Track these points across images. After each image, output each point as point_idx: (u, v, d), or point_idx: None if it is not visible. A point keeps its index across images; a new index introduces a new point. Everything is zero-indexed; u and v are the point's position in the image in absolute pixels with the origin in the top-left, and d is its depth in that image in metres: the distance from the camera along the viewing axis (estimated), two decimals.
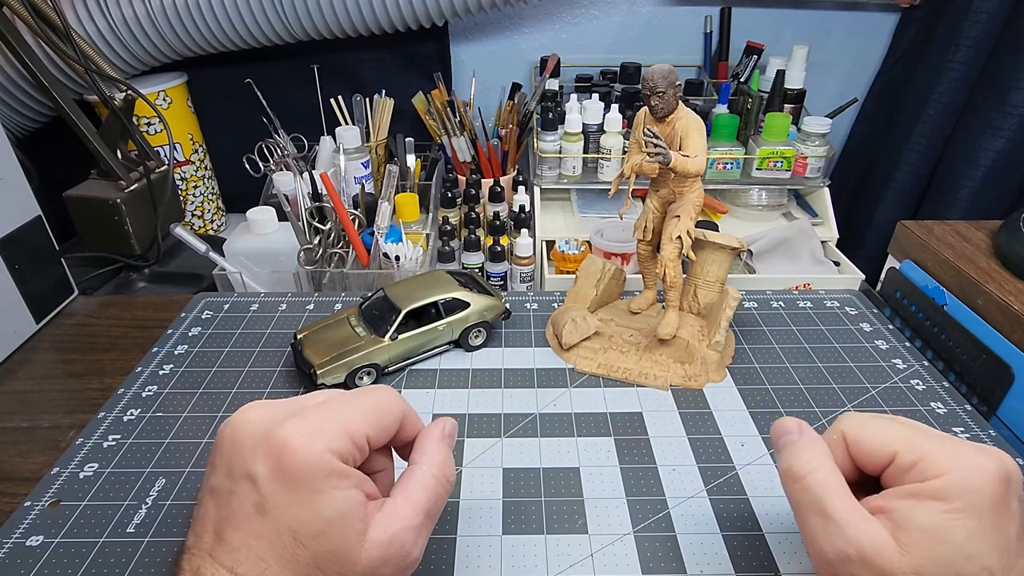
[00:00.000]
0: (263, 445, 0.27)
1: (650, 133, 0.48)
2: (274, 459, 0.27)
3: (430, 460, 0.31)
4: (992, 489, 0.26)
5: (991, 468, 0.27)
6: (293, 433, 0.27)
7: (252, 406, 0.29)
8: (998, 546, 0.26)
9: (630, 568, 0.38)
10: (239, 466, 0.27)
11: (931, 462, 0.27)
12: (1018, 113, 0.89)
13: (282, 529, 0.26)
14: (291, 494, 0.26)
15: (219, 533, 0.27)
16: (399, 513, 0.28)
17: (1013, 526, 0.27)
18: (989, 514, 0.26)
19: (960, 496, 0.26)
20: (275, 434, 0.27)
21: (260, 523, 0.26)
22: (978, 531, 0.26)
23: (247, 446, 0.27)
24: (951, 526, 0.26)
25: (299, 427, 0.27)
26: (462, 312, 0.55)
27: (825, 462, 0.30)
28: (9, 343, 0.58)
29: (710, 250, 0.56)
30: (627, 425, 0.48)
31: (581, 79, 1.11)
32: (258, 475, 0.27)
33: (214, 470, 0.28)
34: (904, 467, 0.28)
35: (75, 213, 0.79)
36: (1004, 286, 0.55)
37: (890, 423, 0.30)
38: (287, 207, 0.74)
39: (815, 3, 1.10)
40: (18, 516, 0.41)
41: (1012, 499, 0.27)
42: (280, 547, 0.26)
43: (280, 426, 0.27)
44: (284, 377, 0.54)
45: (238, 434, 0.28)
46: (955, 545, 0.26)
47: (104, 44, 0.88)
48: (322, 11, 0.90)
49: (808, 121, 0.91)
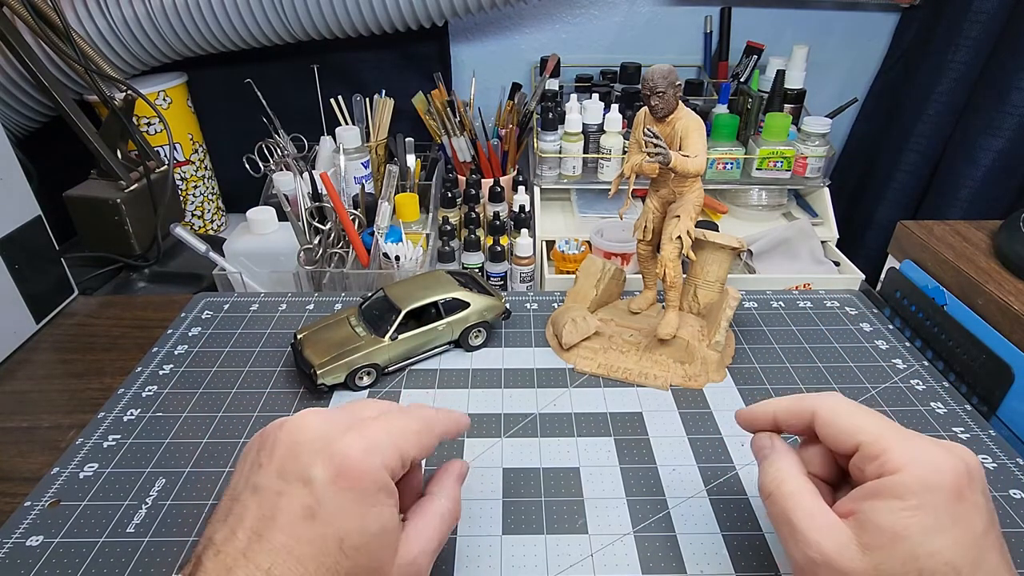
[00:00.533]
0: (324, 452, 0.28)
1: (650, 133, 0.48)
2: (334, 467, 0.27)
3: (447, 495, 0.33)
4: (948, 485, 0.27)
5: (946, 465, 0.27)
6: (355, 446, 0.28)
7: (310, 412, 0.30)
8: (961, 541, 0.26)
9: (630, 568, 0.38)
10: (295, 469, 0.27)
11: (890, 457, 0.28)
12: (1018, 113, 0.89)
13: (330, 536, 0.26)
14: (345, 503, 0.27)
15: (259, 532, 0.26)
16: (420, 537, 0.30)
17: (979, 521, 0.27)
18: (946, 511, 0.27)
19: (915, 493, 0.27)
20: (338, 444, 0.28)
21: (308, 527, 0.26)
22: (936, 527, 0.26)
23: (306, 450, 0.28)
24: (908, 523, 0.27)
25: (360, 441, 0.28)
26: (462, 312, 0.55)
27: (791, 472, 0.32)
28: (9, 343, 0.58)
29: (710, 250, 0.56)
30: (627, 425, 0.48)
31: (581, 79, 1.11)
32: (315, 479, 0.27)
33: (260, 468, 0.28)
34: (867, 457, 0.29)
35: (75, 213, 0.79)
36: (1004, 286, 0.55)
37: (862, 412, 0.31)
38: (287, 207, 0.74)
39: (815, 3, 1.10)
40: (18, 516, 0.41)
41: (973, 494, 0.27)
42: (324, 554, 0.26)
43: (342, 437, 0.28)
44: (284, 377, 0.54)
45: (297, 438, 0.28)
46: (913, 542, 0.26)
47: (104, 44, 0.88)
48: (322, 11, 0.90)
49: (808, 121, 0.91)
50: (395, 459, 0.29)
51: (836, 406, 0.32)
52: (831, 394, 0.33)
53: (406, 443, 0.30)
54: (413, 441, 0.31)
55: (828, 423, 0.32)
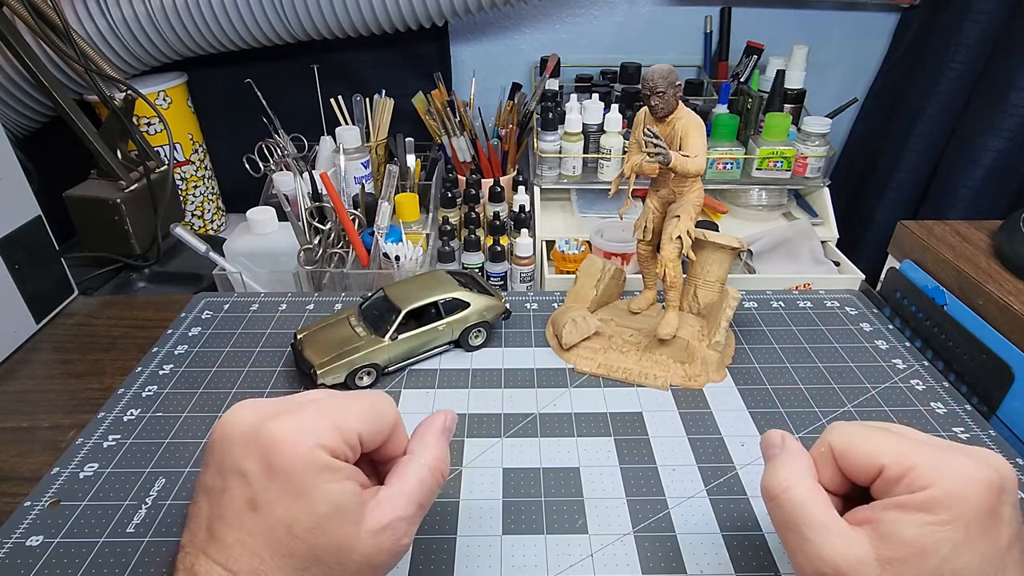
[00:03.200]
0: (253, 442, 0.27)
1: (650, 133, 0.48)
2: (264, 455, 0.27)
3: (428, 452, 0.31)
4: (981, 499, 0.26)
5: (980, 477, 0.26)
6: (283, 429, 0.27)
7: (242, 404, 0.29)
8: (987, 557, 0.25)
9: (630, 568, 0.38)
10: (230, 463, 0.27)
11: (918, 473, 0.27)
12: (1018, 113, 0.89)
13: (275, 524, 0.26)
14: (282, 489, 0.26)
15: (212, 530, 0.27)
16: (394, 503, 0.29)
17: (1004, 535, 0.26)
18: (977, 525, 0.25)
19: (948, 507, 0.25)
20: (264, 430, 0.27)
21: (253, 519, 0.26)
22: (965, 543, 0.25)
23: (237, 443, 0.27)
24: (937, 539, 0.25)
25: (288, 423, 0.28)
26: (462, 312, 0.55)
27: (802, 478, 0.29)
28: (9, 343, 0.58)
29: (710, 250, 0.56)
30: (627, 425, 0.48)
31: (581, 79, 1.11)
32: (248, 471, 0.27)
33: (206, 468, 0.29)
34: (892, 479, 0.27)
35: (75, 213, 0.79)
36: (1004, 286, 0.55)
37: (878, 433, 0.29)
38: (287, 207, 0.74)
39: (815, 3, 1.10)
40: (18, 516, 0.41)
41: (1003, 507, 0.26)
42: (275, 542, 0.26)
43: (269, 422, 0.27)
44: (284, 377, 0.54)
45: (228, 432, 0.28)
46: (940, 558, 0.25)
47: (104, 44, 0.88)
48: (322, 11, 0.90)
49: (808, 121, 0.91)
50: (333, 437, 0.28)
51: (851, 434, 0.30)
52: (839, 423, 0.31)
53: (347, 422, 0.29)
54: (357, 420, 0.29)
55: (844, 454, 0.29)
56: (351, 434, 0.29)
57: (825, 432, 0.31)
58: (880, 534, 0.26)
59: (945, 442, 0.29)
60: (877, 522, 0.27)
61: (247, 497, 0.27)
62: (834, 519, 0.28)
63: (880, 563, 0.26)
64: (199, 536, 0.27)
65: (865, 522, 0.27)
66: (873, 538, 0.27)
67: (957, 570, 0.25)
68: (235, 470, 0.27)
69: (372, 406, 0.30)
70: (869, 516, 0.27)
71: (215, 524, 0.27)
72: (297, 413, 0.28)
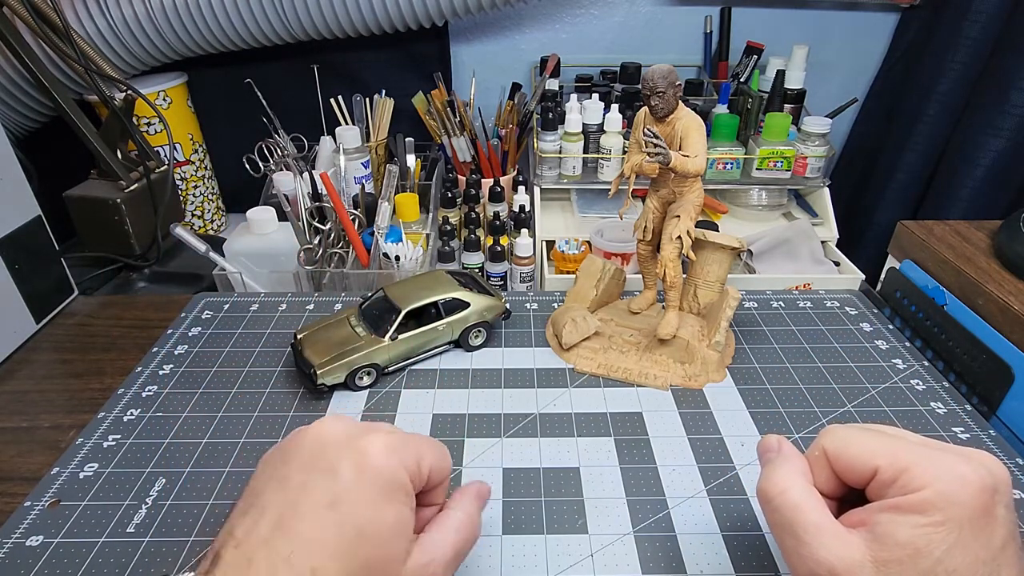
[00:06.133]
0: (348, 447, 0.29)
1: (650, 133, 0.48)
2: (358, 460, 0.29)
3: (464, 509, 0.33)
4: (974, 500, 0.26)
5: (973, 478, 0.26)
6: (376, 443, 0.30)
7: (334, 417, 0.32)
8: (981, 557, 0.25)
9: (630, 568, 0.38)
10: (321, 462, 0.29)
11: (912, 475, 0.27)
12: (1018, 113, 0.89)
13: (350, 523, 0.27)
14: (367, 493, 0.28)
15: (282, 522, 0.27)
16: (436, 546, 0.31)
17: (998, 535, 0.26)
18: (971, 526, 0.26)
19: (941, 509, 0.26)
20: (361, 441, 0.30)
21: (330, 515, 0.27)
22: (958, 545, 0.25)
23: (332, 446, 0.30)
24: (931, 540, 0.25)
25: (381, 439, 0.30)
26: (462, 312, 0.55)
27: (796, 481, 0.30)
28: (9, 343, 0.58)
29: (710, 250, 0.56)
30: (627, 425, 0.48)
31: (581, 79, 1.11)
32: (340, 470, 0.28)
33: (286, 465, 0.30)
34: (886, 481, 0.28)
35: (75, 213, 0.79)
36: (1004, 286, 0.55)
37: (872, 436, 0.29)
38: (287, 207, 0.74)
39: (815, 3, 1.10)
40: (18, 516, 0.41)
41: (997, 508, 0.26)
42: (344, 542, 0.27)
43: (365, 436, 0.30)
44: (284, 377, 0.54)
45: (324, 435, 0.30)
46: (934, 559, 0.25)
47: (104, 44, 0.88)
48: (322, 11, 0.90)
49: (808, 121, 0.91)
50: (413, 461, 0.30)
51: (845, 437, 0.30)
52: (833, 426, 0.31)
53: (425, 454, 0.31)
54: (431, 455, 0.32)
55: (838, 457, 0.29)
56: (425, 466, 0.31)
57: (819, 435, 0.31)
58: (875, 536, 0.27)
59: (939, 443, 0.29)
60: (872, 524, 0.27)
61: (330, 494, 0.28)
62: (829, 521, 0.28)
63: (875, 565, 0.26)
64: (262, 527, 0.27)
65: (860, 524, 0.28)
66: (868, 540, 0.27)
67: (951, 571, 0.25)
68: (327, 467, 0.29)
69: (443, 448, 0.33)
70: (864, 518, 0.28)
71: (287, 515, 0.27)
72: (388, 434, 0.31)
